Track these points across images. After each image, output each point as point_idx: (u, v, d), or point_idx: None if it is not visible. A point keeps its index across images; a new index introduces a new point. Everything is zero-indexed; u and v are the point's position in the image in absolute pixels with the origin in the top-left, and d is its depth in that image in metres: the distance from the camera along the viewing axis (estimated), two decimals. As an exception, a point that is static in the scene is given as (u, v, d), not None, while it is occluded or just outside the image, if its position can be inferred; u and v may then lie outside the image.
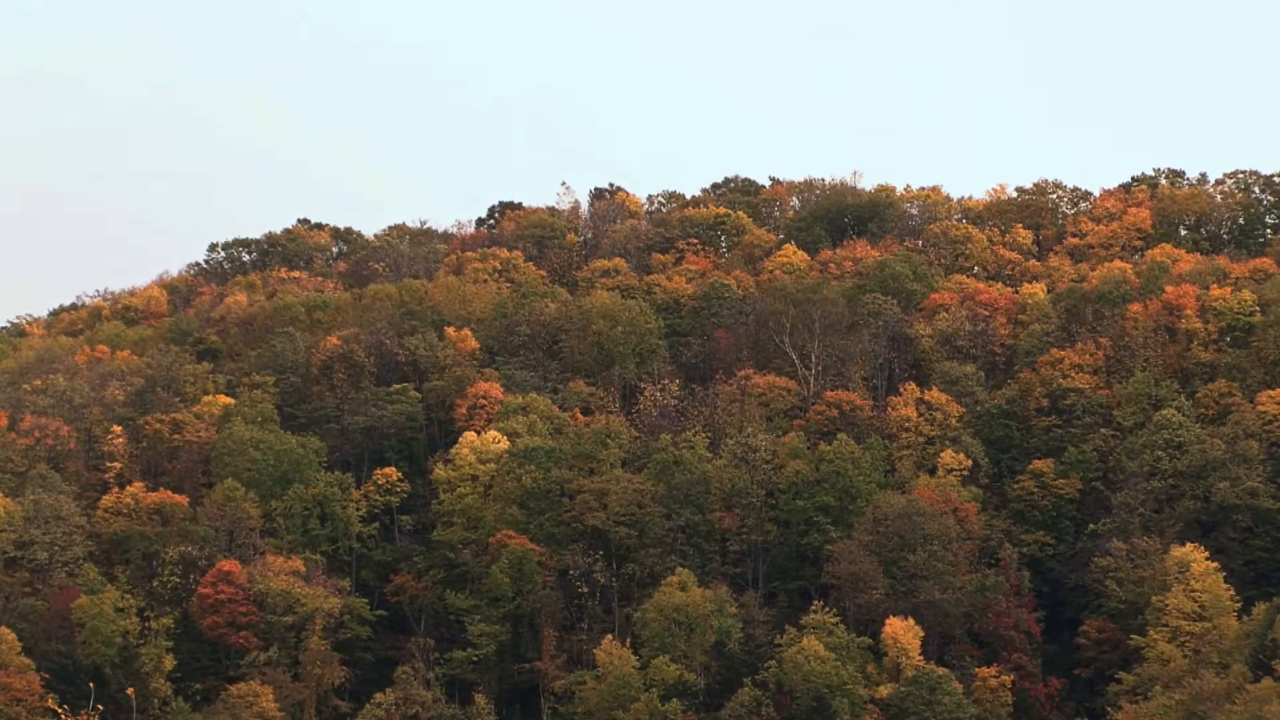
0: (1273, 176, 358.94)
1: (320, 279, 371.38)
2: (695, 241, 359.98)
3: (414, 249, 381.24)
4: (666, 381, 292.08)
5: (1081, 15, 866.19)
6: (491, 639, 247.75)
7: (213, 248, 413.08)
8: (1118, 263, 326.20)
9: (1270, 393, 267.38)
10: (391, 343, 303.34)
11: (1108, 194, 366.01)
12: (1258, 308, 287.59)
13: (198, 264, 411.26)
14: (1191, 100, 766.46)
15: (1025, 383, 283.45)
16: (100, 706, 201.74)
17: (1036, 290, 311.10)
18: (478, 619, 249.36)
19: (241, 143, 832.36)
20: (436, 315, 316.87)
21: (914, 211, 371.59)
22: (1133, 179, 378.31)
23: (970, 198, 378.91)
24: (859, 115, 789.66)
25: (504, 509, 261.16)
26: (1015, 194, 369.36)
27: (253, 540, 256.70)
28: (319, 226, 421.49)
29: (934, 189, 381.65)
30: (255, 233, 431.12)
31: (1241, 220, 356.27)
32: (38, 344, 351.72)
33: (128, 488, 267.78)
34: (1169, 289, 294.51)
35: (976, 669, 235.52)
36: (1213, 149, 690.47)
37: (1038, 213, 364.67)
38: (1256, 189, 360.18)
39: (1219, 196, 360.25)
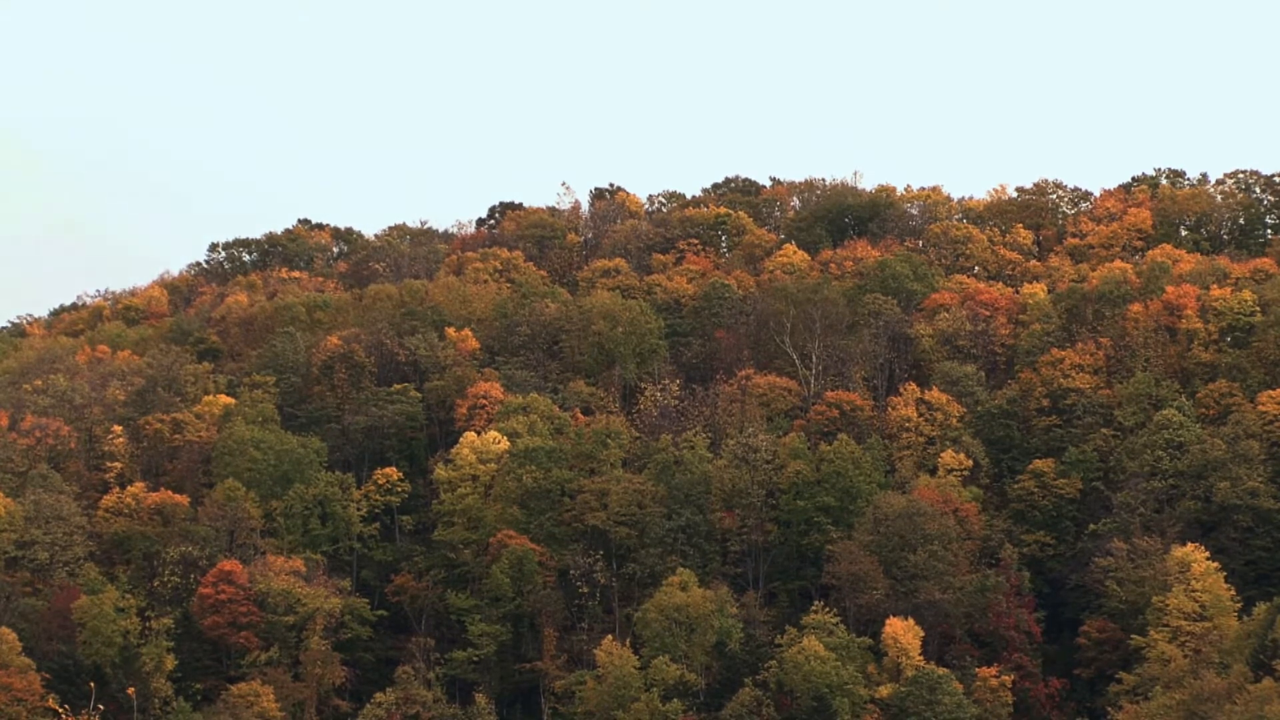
0: (1273, 176, 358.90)
1: (321, 279, 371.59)
2: (696, 241, 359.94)
3: (414, 249, 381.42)
4: (667, 381, 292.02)
5: (1082, 15, 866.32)
6: (492, 639, 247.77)
7: (213, 248, 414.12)
8: (1118, 263, 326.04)
9: (1271, 393, 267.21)
10: (392, 343, 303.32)
11: (1108, 194, 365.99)
12: (1258, 308, 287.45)
13: (198, 264, 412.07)
14: (1191, 100, 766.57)
15: (1026, 383, 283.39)
16: (101, 706, 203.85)
17: (1037, 290, 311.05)
18: (478, 619, 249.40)
19: (242, 141, 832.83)
20: (437, 315, 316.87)
21: (914, 211, 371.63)
22: (1133, 179, 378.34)
23: (970, 198, 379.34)
24: (859, 115, 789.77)
25: (504, 509, 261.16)
26: (1015, 194, 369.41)
27: (253, 540, 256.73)
28: (319, 226, 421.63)
29: (934, 189, 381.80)
30: (256, 233, 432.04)
31: (1242, 220, 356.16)
32: (38, 344, 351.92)
33: (128, 488, 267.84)
34: (1169, 289, 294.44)
35: (977, 669, 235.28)
36: (1213, 149, 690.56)
37: (1038, 213, 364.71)
38: (1257, 189, 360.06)
39: (1219, 196, 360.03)
